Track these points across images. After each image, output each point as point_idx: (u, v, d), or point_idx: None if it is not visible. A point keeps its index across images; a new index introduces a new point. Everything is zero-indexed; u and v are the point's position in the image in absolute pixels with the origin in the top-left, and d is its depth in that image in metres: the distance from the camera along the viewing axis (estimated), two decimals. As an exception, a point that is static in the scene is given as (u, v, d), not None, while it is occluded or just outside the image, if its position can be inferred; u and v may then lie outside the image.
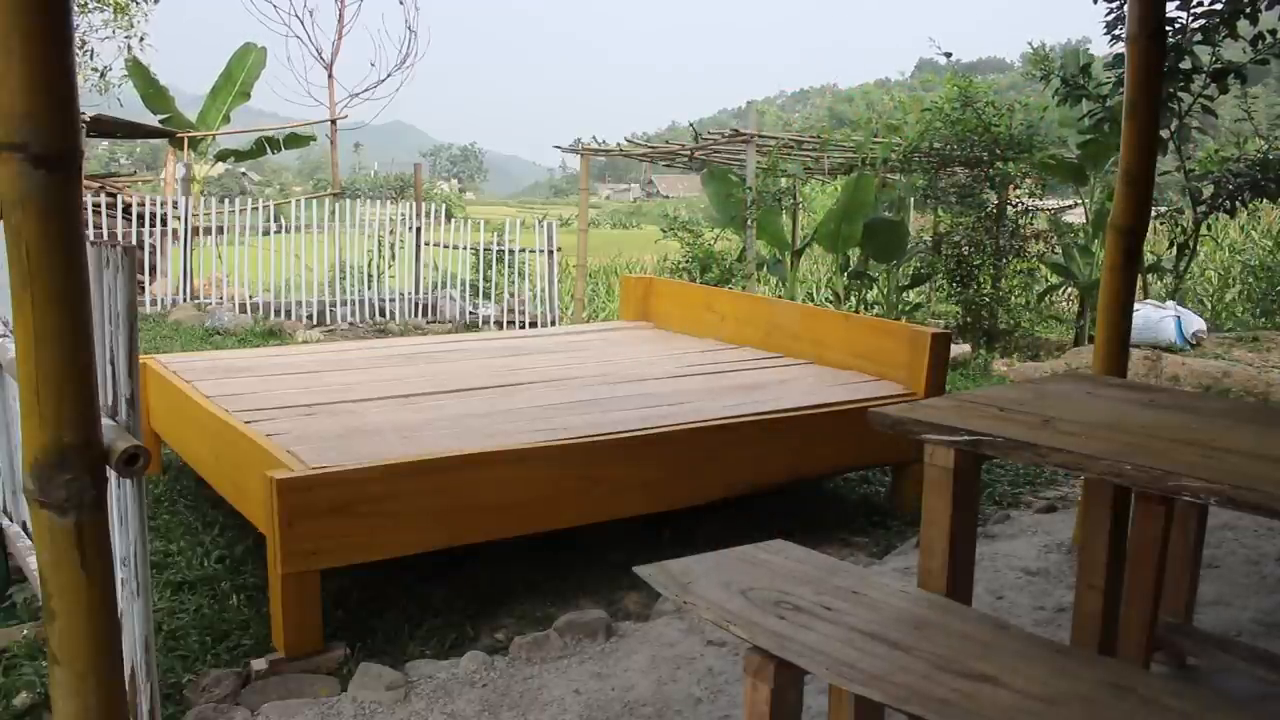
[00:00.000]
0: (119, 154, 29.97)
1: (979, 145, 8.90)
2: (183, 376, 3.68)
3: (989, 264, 9.07)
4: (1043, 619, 2.86)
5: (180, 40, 68.58)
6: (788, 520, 3.57)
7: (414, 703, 2.39)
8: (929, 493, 2.07)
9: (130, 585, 1.79)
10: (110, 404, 1.71)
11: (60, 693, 1.41)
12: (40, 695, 2.30)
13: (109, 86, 15.74)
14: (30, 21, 1.25)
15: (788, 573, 1.87)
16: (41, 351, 1.32)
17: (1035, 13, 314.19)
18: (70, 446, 1.35)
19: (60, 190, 1.30)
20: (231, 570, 3.14)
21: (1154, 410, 2.15)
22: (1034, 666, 1.53)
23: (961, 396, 2.31)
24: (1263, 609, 2.92)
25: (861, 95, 62.60)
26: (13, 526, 2.87)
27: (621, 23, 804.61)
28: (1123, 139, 3.32)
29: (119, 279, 1.69)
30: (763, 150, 10.26)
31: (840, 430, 3.43)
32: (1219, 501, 1.63)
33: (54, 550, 1.37)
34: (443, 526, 2.77)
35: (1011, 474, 4.33)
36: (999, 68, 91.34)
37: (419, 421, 3.14)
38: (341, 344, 5.23)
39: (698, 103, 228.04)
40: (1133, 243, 3.36)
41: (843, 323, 4.31)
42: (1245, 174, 7.75)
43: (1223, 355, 7.65)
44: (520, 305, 9.94)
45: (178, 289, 9.66)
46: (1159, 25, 3.34)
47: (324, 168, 28.83)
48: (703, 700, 2.40)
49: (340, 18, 12.73)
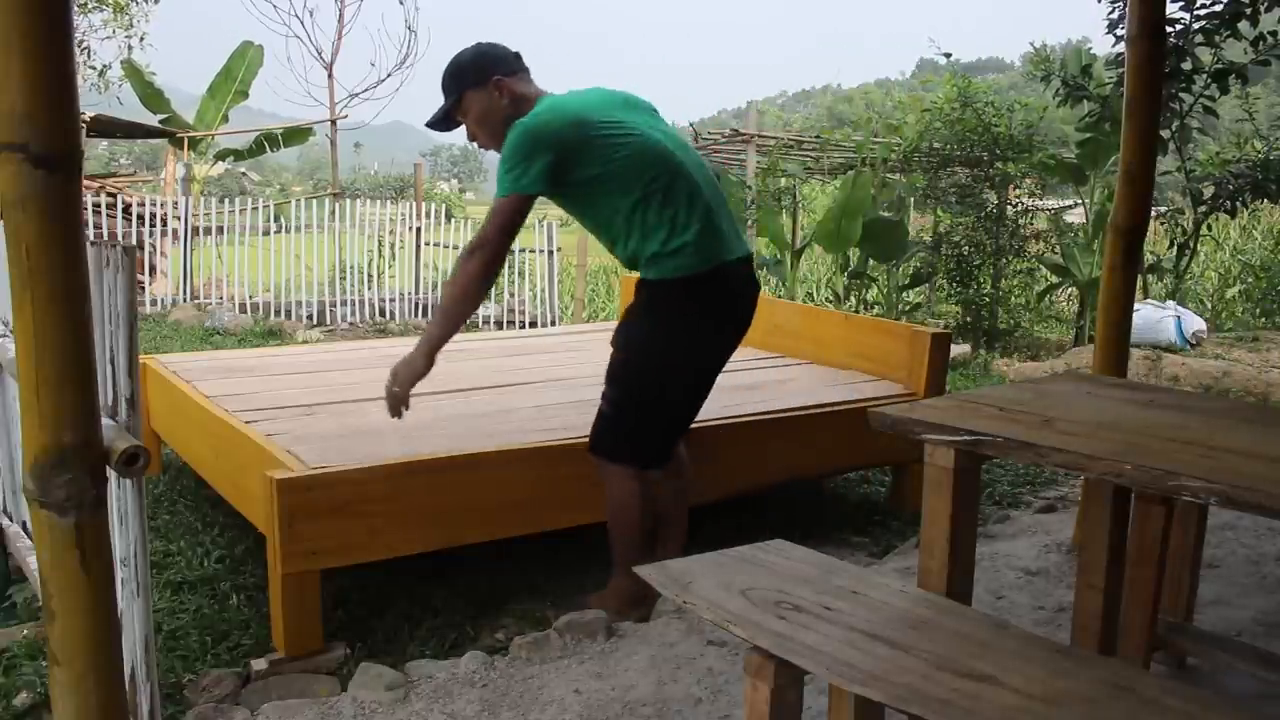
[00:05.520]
0: (119, 154, 29.97)
1: (979, 145, 8.90)
2: (183, 376, 3.68)
3: (989, 264, 9.06)
4: (1043, 619, 2.86)
5: (180, 40, 68.58)
6: (788, 520, 3.57)
7: (414, 703, 2.39)
8: (929, 493, 2.07)
9: (130, 585, 1.79)
10: (110, 404, 1.71)
11: (60, 692, 1.41)
12: (40, 695, 2.30)
13: (109, 86, 15.74)
14: (30, 21, 1.24)
15: (788, 573, 1.87)
16: (41, 351, 1.32)
17: (1035, 12, 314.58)
18: (70, 446, 1.34)
19: (60, 190, 1.30)
20: (231, 570, 3.14)
21: (1154, 410, 2.15)
22: (1034, 666, 1.53)
23: (961, 396, 2.31)
24: (1263, 609, 2.92)
25: (861, 95, 62.61)
26: (13, 526, 2.87)
27: (622, 22, 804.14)
28: (1123, 139, 3.32)
29: (119, 279, 1.69)
30: (763, 150, 10.26)
31: (840, 430, 3.43)
32: (1219, 501, 1.63)
33: (54, 550, 1.37)
34: (443, 526, 2.77)
35: (1011, 474, 4.33)
36: (999, 68, 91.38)
37: (419, 421, 3.14)
38: (341, 344, 5.22)
39: (698, 102, 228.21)
40: (1133, 243, 3.36)
41: (843, 323, 4.31)
42: (1246, 174, 7.75)
43: (1223, 355, 7.65)
44: (520, 305, 9.94)
45: (178, 289, 9.65)
46: (1159, 25, 3.34)
47: (324, 168, 28.84)
48: (703, 700, 2.40)
49: (340, 18, 12.73)
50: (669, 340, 2.71)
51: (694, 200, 2.66)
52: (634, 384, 2.75)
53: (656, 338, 2.73)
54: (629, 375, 2.76)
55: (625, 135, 2.64)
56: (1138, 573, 2.31)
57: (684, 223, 2.64)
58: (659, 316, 2.73)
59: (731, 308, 2.77)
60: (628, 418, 2.74)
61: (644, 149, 2.65)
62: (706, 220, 2.67)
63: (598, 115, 2.65)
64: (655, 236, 2.64)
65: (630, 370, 2.76)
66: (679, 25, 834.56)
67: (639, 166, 2.62)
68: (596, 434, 2.77)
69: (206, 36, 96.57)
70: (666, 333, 2.71)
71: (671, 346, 2.71)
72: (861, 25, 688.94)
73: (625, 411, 2.74)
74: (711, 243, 2.67)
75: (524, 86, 2.76)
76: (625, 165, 2.62)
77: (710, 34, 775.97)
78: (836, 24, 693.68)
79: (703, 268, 2.65)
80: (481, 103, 2.73)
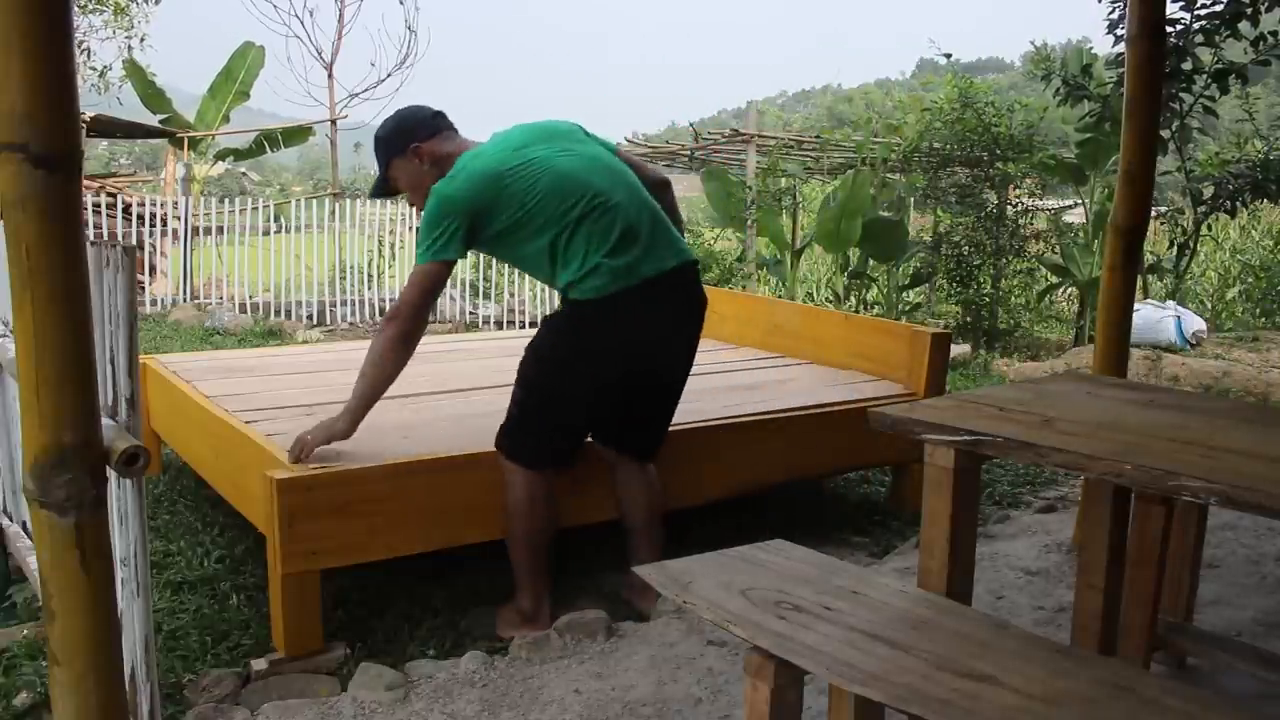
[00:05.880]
0: (119, 154, 29.96)
1: (979, 145, 8.90)
2: (183, 376, 3.68)
3: (989, 264, 9.06)
4: (1043, 619, 2.86)
5: (180, 40, 68.70)
6: (788, 520, 3.57)
7: (414, 703, 2.39)
8: (929, 493, 2.07)
9: (130, 585, 1.79)
10: (110, 404, 1.70)
11: (60, 692, 1.41)
12: (40, 695, 2.30)
13: (109, 86, 15.74)
14: (30, 21, 1.24)
15: (788, 573, 1.87)
16: (41, 351, 1.32)
17: (1036, 12, 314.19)
18: (70, 446, 1.34)
19: (60, 190, 1.30)
20: (231, 570, 3.14)
21: (1154, 410, 2.15)
22: (1034, 666, 1.53)
23: (961, 396, 2.31)
24: (1263, 609, 2.92)
25: (861, 95, 62.61)
26: (13, 526, 2.87)
27: (622, 22, 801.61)
28: (1123, 139, 3.32)
29: (119, 279, 1.69)
30: (763, 150, 10.26)
31: (840, 430, 3.43)
32: (1219, 501, 1.63)
33: (54, 550, 1.37)
34: (443, 526, 2.77)
35: (1011, 474, 4.33)
36: (999, 68, 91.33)
37: (419, 421, 3.14)
38: (341, 344, 5.22)
39: (698, 102, 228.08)
40: (1133, 243, 3.36)
41: (843, 323, 4.31)
42: (1246, 174, 7.75)
43: (1223, 355, 7.65)
44: (520, 305, 9.94)
45: (178, 289, 9.65)
46: (1159, 25, 3.34)
47: (324, 168, 28.82)
48: (703, 700, 2.40)
49: (340, 18, 12.71)
50: (577, 355, 2.74)
51: (611, 221, 2.68)
52: (534, 387, 2.79)
53: (559, 347, 2.78)
54: (531, 378, 2.80)
55: (538, 173, 2.68)
56: (1138, 573, 2.30)
57: (597, 246, 2.66)
58: (569, 330, 2.76)
59: (645, 323, 2.74)
60: (530, 420, 2.77)
61: (556, 182, 2.68)
62: (622, 239, 2.68)
63: (511, 162, 2.69)
64: (572, 265, 2.68)
65: (533, 374, 2.80)
66: (679, 25, 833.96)
67: (554, 200, 2.66)
68: (500, 432, 2.80)
69: (206, 37, 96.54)
70: (570, 345, 2.75)
71: (578, 361, 2.74)
72: (861, 26, 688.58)
73: (527, 412, 2.78)
74: (627, 262, 2.67)
75: (444, 146, 2.81)
76: (541, 202, 2.66)
77: (710, 34, 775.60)
78: (836, 24, 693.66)
79: (615, 288, 2.66)
80: (406, 170, 2.84)
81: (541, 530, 2.79)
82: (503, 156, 2.71)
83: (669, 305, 2.79)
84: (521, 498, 2.74)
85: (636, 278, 2.68)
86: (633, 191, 2.78)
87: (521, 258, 2.81)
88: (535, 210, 2.66)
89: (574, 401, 2.77)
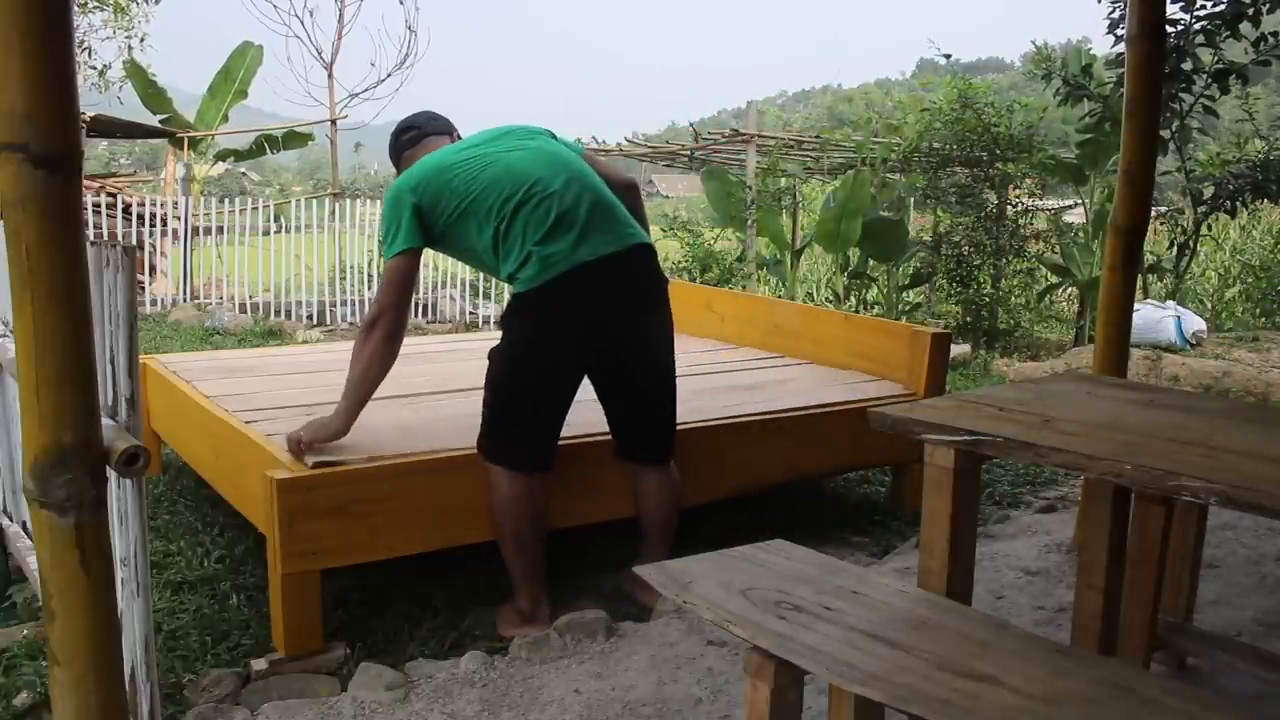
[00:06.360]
0: (119, 154, 29.97)
1: (979, 145, 8.90)
2: (183, 376, 3.68)
3: (989, 264, 9.07)
4: (1043, 619, 2.86)
5: (180, 40, 68.74)
6: (788, 520, 3.57)
7: (414, 703, 2.39)
8: (929, 493, 2.07)
9: (130, 585, 1.79)
10: (110, 404, 1.70)
11: (60, 692, 1.41)
12: (40, 695, 2.30)
13: (109, 86, 15.74)
14: (30, 21, 1.24)
15: (788, 573, 1.87)
16: (41, 351, 1.32)
17: (1036, 12, 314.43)
18: (70, 446, 1.34)
19: (60, 190, 1.30)
20: (231, 570, 3.14)
21: (1154, 410, 2.15)
22: (1034, 666, 1.53)
23: (961, 396, 2.31)
24: (1263, 609, 2.92)
25: (861, 95, 62.60)
26: (13, 526, 2.87)
27: (623, 24, 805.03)
28: (1123, 139, 3.31)
29: (119, 279, 1.69)
30: (763, 150, 10.25)
31: (840, 430, 3.43)
32: (1219, 501, 1.63)
33: (54, 550, 1.37)
34: (443, 526, 2.77)
35: (1011, 474, 4.33)
36: (999, 68, 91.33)
37: (419, 421, 3.14)
38: (341, 344, 5.22)
39: (698, 103, 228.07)
40: (1133, 243, 3.36)
41: (843, 323, 4.31)
42: (1246, 174, 7.75)
43: (1223, 355, 7.65)
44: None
45: (178, 289, 9.66)
46: (1159, 25, 3.34)
47: (324, 168, 28.83)
48: (703, 700, 2.40)
49: (340, 18, 12.69)
50: (523, 347, 2.76)
51: (547, 210, 2.69)
52: (496, 386, 2.80)
53: (509, 343, 2.80)
54: (491, 377, 2.82)
55: (482, 167, 2.73)
56: (1138, 573, 2.30)
57: (531, 234, 2.68)
58: (514, 325, 2.79)
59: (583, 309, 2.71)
60: (499, 419, 2.78)
61: (498, 174, 2.72)
62: (556, 226, 2.67)
63: (459, 157, 2.77)
64: (511, 256, 2.70)
65: (492, 373, 2.82)
66: (679, 30, 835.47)
67: (493, 190, 2.70)
68: (479, 435, 2.81)
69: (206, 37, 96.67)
70: (517, 338, 2.78)
71: (526, 353, 2.76)
72: (861, 30, 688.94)
73: (496, 414, 2.78)
74: (560, 249, 2.67)
75: (421, 153, 2.90)
76: (483, 193, 2.70)
77: (710, 38, 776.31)
78: (836, 29, 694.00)
79: (548, 276, 2.66)
80: None
81: (530, 530, 2.78)
82: (453, 152, 2.81)
83: (609, 290, 2.74)
84: (506, 498, 2.73)
85: (569, 264, 2.67)
86: (573, 179, 2.76)
87: (472, 253, 2.84)
88: (477, 200, 2.70)
89: (530, 395, 2.77)
